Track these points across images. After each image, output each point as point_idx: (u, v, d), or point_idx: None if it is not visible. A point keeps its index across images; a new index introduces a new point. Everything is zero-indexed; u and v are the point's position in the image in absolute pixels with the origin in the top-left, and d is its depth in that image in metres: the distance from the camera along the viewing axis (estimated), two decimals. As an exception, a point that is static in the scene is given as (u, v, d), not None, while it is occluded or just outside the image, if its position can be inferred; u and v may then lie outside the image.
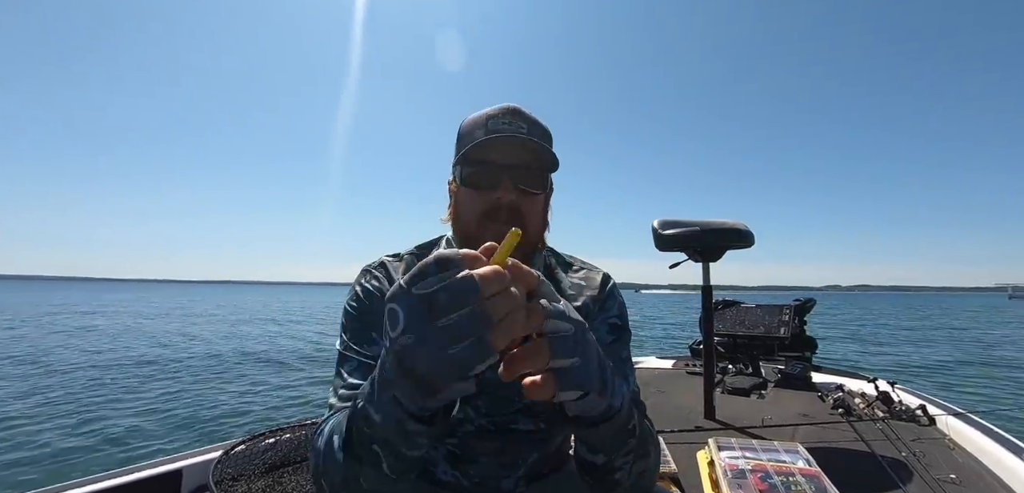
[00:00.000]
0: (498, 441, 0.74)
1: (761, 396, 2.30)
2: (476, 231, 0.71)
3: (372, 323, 0.72)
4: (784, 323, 2.86)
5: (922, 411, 1.89)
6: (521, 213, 0.71)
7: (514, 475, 0.76)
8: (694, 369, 2.85)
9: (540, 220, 0.76)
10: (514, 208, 0.70)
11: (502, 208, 0.70)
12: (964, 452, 1.58)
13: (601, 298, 0.83)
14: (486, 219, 0.70)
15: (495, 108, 0.72)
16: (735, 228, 1.95)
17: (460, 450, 0.74)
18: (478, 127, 0.71)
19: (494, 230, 0.69)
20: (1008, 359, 10.69)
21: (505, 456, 0.74)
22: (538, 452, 0.77)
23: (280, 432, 1.38)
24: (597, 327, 0.80)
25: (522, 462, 0.76)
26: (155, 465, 1.27)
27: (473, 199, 0.71)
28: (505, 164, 0.70)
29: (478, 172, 0.71)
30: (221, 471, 1.18)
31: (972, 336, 15.90)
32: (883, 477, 1.38)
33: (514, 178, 0.70)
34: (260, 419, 5.32)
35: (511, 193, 0.70)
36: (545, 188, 0.75)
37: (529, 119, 0.72)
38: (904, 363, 10.02)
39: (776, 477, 1.19)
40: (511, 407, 0.74)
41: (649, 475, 0.66)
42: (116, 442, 4.41)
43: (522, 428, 0.75)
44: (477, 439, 0.74)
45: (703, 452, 1.46)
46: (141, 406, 5.62)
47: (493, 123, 0.70)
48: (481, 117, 0.72)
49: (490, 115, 0.71)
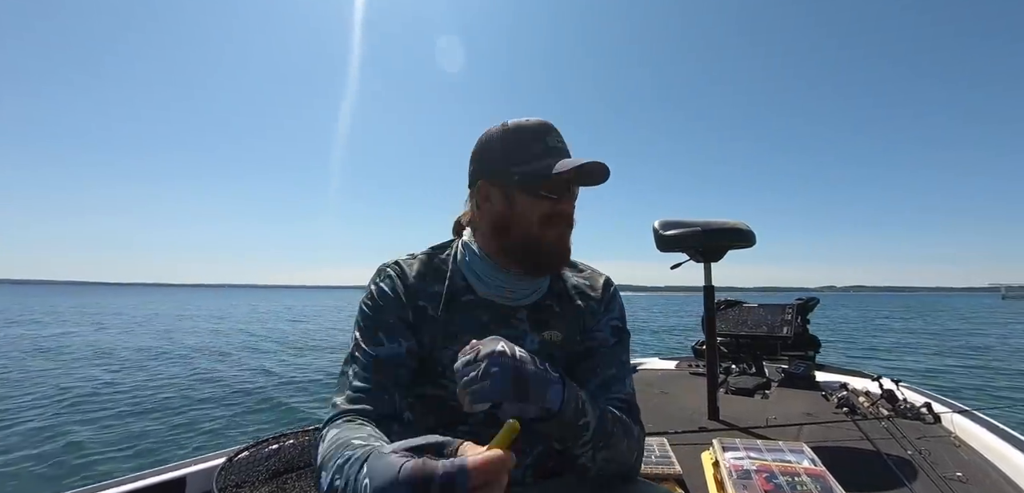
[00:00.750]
0: None
1: (765, 396, 2.30)
2: (539, 232, 0.78)
3: (381, 323, 0.76)
4: (787, 322, 2.85)
5: (927, 409, 1.88)
6: (572, 218, 0.81)
7: (522, 464, 0.78)
8: (697, 370, 2.84)
9: None
10: (570, 214, 0.80)
11: (566, 216, 0.79)
12: (970, 450, 1.57)
13: (604, 300, 0.90)
14: (547, 224, 0.78)
15: (536, 121, 0.80)
16: (736, 228, 1.94)
17: (472, 438, 0.75)
18: (535, 139, 0.79)
19: (555, 233, 0.79)
20: (1008, 358, 10.69)
21: (513, 446, 0.76)
22: (544, 444, 0.79)
23: (283, 438, 1.37)
24: (601, 328, 0.87)
25: (529, 451, 0.78)
26: (159, 472, 1.27)
27: (539, 206, 0.78)
28: (570, 179, 0.78)
29: (554, 185, 0.78)
30: (225, 478, 1.18)
31: (970, 336, 15.95)
32: (889, 476, 1.37)
33: (572, 191, 0.80)
34: (264, 425, 5.33)
35: (571, 204, 0.80)
36: None
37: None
38: (903, 364, 10.02)
39: (781, 477, 1.18)
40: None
41: (618, 464, 0.75)
42: (119, 448, 4.41)
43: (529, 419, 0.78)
44: (487, 427, 0.75)
45: (708, 453, 1.46)
46: (143, 412, 5.63)
47: (551, 138, 0.79)
48: (532, 127, 0.80)
49: (539, 127, 0.80)
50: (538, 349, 0.79)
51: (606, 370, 0.83)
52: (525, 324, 0.81)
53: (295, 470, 1.31)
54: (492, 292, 0.81)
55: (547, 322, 0.83)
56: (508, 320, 0.80)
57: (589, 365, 0.83)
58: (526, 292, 0.82)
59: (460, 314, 0.79)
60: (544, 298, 0.85)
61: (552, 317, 0.83)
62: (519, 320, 0.81)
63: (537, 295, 0.84)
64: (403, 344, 0.76)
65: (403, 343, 0.76)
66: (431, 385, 0.78)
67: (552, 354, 0.80)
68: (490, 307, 0.81)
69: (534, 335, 0.81)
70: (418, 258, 0.84)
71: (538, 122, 0.80)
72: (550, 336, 0.82)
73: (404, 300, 0.78)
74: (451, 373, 0.74)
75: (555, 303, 0.85)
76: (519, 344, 0.75)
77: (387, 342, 0.75)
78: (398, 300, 0.78)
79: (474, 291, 0.81)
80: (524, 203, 0.78)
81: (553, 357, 0.80)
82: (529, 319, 0.82)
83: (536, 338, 0.81)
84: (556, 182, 0.77)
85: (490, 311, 0.80)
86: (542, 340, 0.81)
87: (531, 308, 0.83)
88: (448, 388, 0.76)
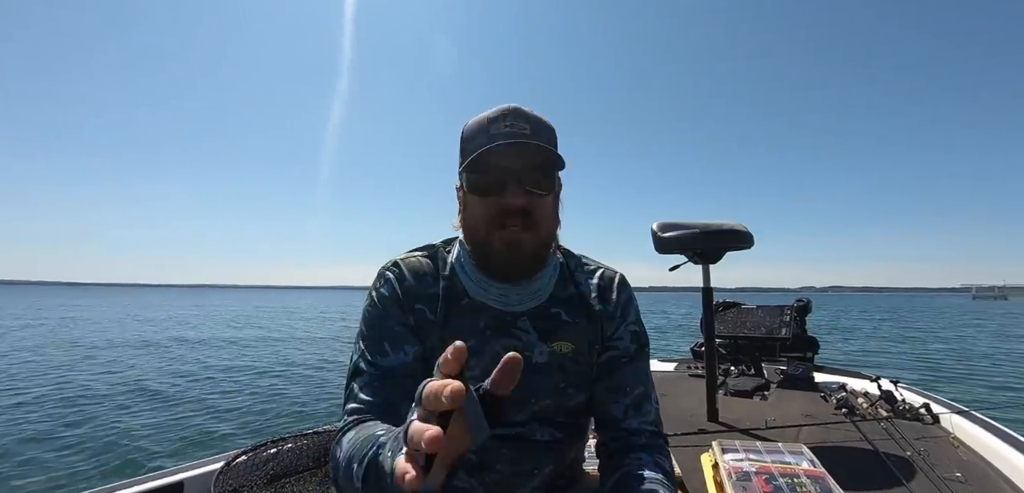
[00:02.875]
0: (515, 449, 0.74)
1: (764, 397, 2.30)
2: (487, 236, 0.71)
3: (386, 332, 0.72)
4: (785, 324, 2.85)
5: (926, 409, 1.89)
6: (532, 216, 0.70)
7: (529, 485, 0.75)
8: (696, 371, 2.84)
9: (551, 220, 0.76)
10: (524, 211, 0.69)
11: (512, 212, 0.69)
12: (969, 450, 1.57)
13: (620, 304, 0.82)
14: (495, 225, 0.70)
15: (496, 110, 0.71)
16: (734, 229, 1.95)
17: (478, 458, 0.73)
18: (481, 131, 0.70)
19: (502, 236, 0.70)
20: (989, 356, 10.89)
21: (522, 465, 0.74)
22: (553, 464, 0.77)
23: (282, 442, 1.37)
24: (620, 337, 0.80)
25: (537, 472, 0.75)
26: (156, 477, 1.26)
27: (482, 205, 0.71)
28: (512, 168, 0.69)
29: (485, 178, 0.70)
30: (223, 482, 1.18)
31: (948, 335, 16.40)
32: (888, 476, 1.37)
33: (521, 181, 0.69)
34: (262, 429, 5.30)
35: (520, 197, 0.69)
36: (553, 189, 0.74)
37: (532, 119, 0.71)
38: (893, 363, 10.12)
39: (781, 479, 1.18)
40: (526, 410, 0.74)
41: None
42: (116, 453, 4.39)
43: (539, 438, 0.75)
44: (494, 447, 0.73)
45: (707, 455, 1.46)
46: (141, 415, 5.60)
47: (495, 127, 0.69)
48: (483, 120, 0.71)
49: (492, 118, 0.70)
50: (548, 361, 0.74)
51: (635, 388, 0.77)
52: (532, 334, 0.74)
53: (294, 474, 1.30)
54: (485, 297, 0.75)
55: (555, 331, 0.75)
56: (510, 328, 0.74)
57: (614, 383, 0.77)
58: (521, 297, 0.75)
59: (458, 318, 0.74)
60: (549, 304, 0.77)
61: (560, 326, 0.76)
62: (523, 329, 0.74)
63: (537, 300, 0.76)
64: (409, 351, 0.71)
65: (409, 351, 0.71)
66: None
67: (563, 366, 0.75)
68: (488, 312, 0.74)
69: (543, 345, 0.74)
70: (418, 256, 0.79)
71: (497, 109, 0.71)
72: (560, 347, 0.75)
73: (404, 304, 0.73)
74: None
75: (563, 310, 0.77)
76: (527, 355, 0.71)
77: (392, 352, 0.71)
78: (400, 306, 0.73)
79: (469, 294, 0.75)
80: (472, 202, 0.72)
81: (565, 370, 0.75)
82: (535, 328, 0.75)
83: (545, 349, 0.74)
84: (496, 174, 0.69)
85: (488, 317, 0.74)
86: (552, 352, 0.74)
87: (534, 315, 0.75)
88: None
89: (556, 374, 0.74)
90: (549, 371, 0.74)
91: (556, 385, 0.74)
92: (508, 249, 0.70)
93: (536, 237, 0.71)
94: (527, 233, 0.70)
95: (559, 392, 0.74)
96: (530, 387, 0.72)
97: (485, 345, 0.73)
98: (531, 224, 0.70)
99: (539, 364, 0.74)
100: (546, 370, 0.74)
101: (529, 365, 0.72)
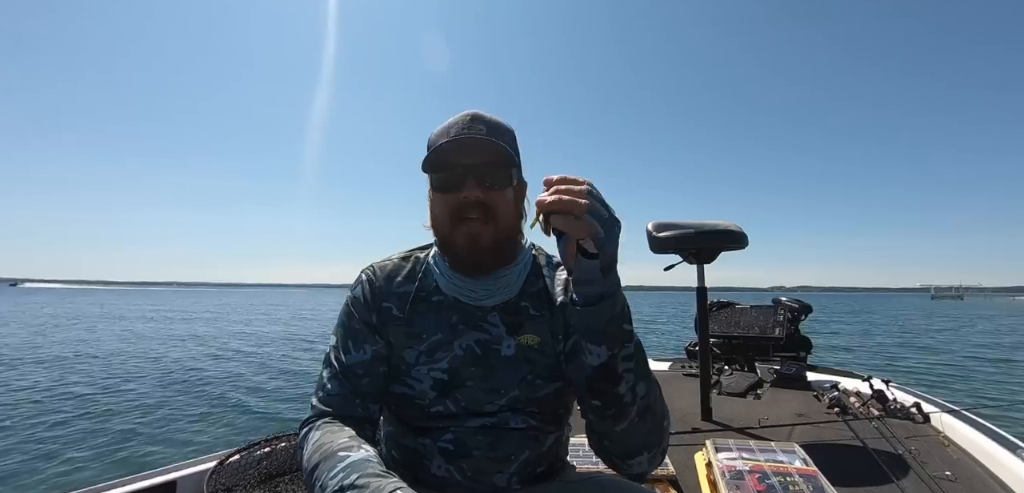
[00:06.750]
0: (491, 437, 0.76)
1: (757, 397, 2.31)
2: (450, 231, 0.76)
3: (350, 331, 0.79)
4: (779, 324, 2.87)
5: (916, 409, 1.91)
6: (492, 209, 0.75)
7: (507, 472, 0.77)
8: (690, 371, 2.85)
9: (512, 213, 0.80)
10: (482, 205, 0.74)
11: (471, 206, 0.74)
12: (958, 448, 1.59)
13: None
14: (457, 219, 0.75)
15: (457, 116, 0.77)
16: (729, 229, 1.96)
17: (454, 446, 0.76)
18: (442, 135, 0.76)
19: (465, 229, 0.75)
20: (964, 355, 11.16)
21: (498, 451, 0.77)
22: (530, 450, 0.79)
23: (275, 441, 1.36)
24: None
25: (515, 458, 0.77)
26: (148, 476, 1.25)
27: (443, 201, 0.77)
28: (468, 164, 0.74)
29: (443, 176, 0.76)
30: (216, 481, 1.17)
31: (916, 334, 16.82)
32: (879, 474, 1.39)
33: (478, 177, 0.74)
34: (255, 428, 5.27)
35: (477, 191, 0.74)
36: (511, 183, 0.78)
37: (489, 122, 0.76)
38: (865, 361, 10.32)
39: (774, 477, 1.19)
40: (497, 400, 0.77)
41: (655, 416, 0.73)
42: (108, 451, 4.35)
43: (513, 426, 0.77)
44: (470, 435, 0.76)
45: (701, 454, 1.46)
46: (132, 414, 5.55)
47: (455, 130, 0.75)
48: (444, 126, 0.77)
49: (452, 123, 0.76)
50: (515, 354, 0.78)
51: None
52: (500, 328, 0.79)
53: (287, 473, 1.29)
54: (456, 292, 0.80)
55: (522, 325, 0.79)
56: (480, 323, 0.79)
57: (580, 363, 0.80)
58: (489, 291, 0.79)
59: (426, 314, 0.80)
60: (517, 298, 0.81)
61: (527, 320, 0.80)
62: (492, 323, 0.79)
63: (505, 295, 0.80)
64: (368, 350, 0.78)
65: (368, 349, 0.78)
66: (398, 383, 0.79)
67: (530, 358, 0.78)
68: (459, 308, 0.79)
69: (511, 339, 0.78)
70: (393, 259, 0.86)
71: (458, 115, 0.77)
72: (527, 340, 0.79)
73: (370, 304, 0.80)
74: (416, 372, 0.77)
75: (530, 304, 0.81)
76: (497, 348, 0.77)
77: (354, 350, 0.78)
78: (366, 306, 0.80)
79: (442, 291, 0.81)
80: (436, 200, 0.78)
81: (532, 361, 0.78)
82: (504, 322, 0.79)
83: (513, 342, 0.78)
84: (448, 174, 0.75)
85: (459, 312, 0.79)
86: (519, 345, 0.78)
87: (503, 309, 0.80)
88: (414, 387, 0.77)
89: (523, 365, 0.78)
90: (517, 363, 0.78)
91: (524, 376, 0.78)
92: (469, 241, 0.75)
93: (495, 230, 0.76)
94: (487, 227, 0.75)
95: (527, 383, 0.77)
96: (500, 378, 0.77)
97: (455, 338, 0.78)
98: (490, 217, 0.75)
99: (507, 357, 0.78)
100: (514, 362, 0.78)
101: (498, 358, 0.78)
